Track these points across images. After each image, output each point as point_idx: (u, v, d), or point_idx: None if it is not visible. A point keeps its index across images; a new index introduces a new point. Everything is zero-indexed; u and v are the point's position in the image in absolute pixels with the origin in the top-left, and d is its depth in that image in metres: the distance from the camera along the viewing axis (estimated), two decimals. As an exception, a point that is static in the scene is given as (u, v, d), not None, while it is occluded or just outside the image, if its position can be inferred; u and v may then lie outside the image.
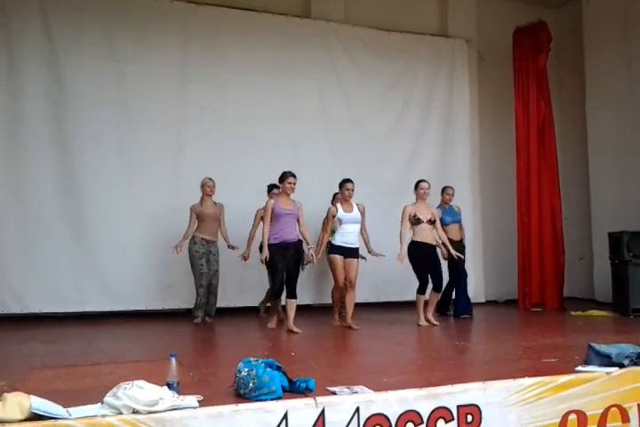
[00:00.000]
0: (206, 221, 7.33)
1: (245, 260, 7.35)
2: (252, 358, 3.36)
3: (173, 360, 3.23)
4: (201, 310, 7.19)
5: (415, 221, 6.91)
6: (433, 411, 3.21)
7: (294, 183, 6.55)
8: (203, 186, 7.39)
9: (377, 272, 8.24)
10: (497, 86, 10.06)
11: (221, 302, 7.62)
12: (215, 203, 7.46)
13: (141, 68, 8.19)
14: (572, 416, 3.46)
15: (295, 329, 6.20)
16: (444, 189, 7.84)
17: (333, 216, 6.74)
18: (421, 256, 6.87)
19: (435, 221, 7.01)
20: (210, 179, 7.38)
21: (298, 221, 6.58)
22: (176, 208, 8.07)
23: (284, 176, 6.57)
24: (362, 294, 8.16)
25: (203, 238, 7.28)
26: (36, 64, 7.76)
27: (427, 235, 6.93)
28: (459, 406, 3.26)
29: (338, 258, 6.69)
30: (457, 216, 7.78)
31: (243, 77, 8.59)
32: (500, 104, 10.01)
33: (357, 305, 7.60)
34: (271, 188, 7.50)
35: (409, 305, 7.58)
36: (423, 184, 7.08)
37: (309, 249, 6.50)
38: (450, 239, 7.26)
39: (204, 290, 7.19)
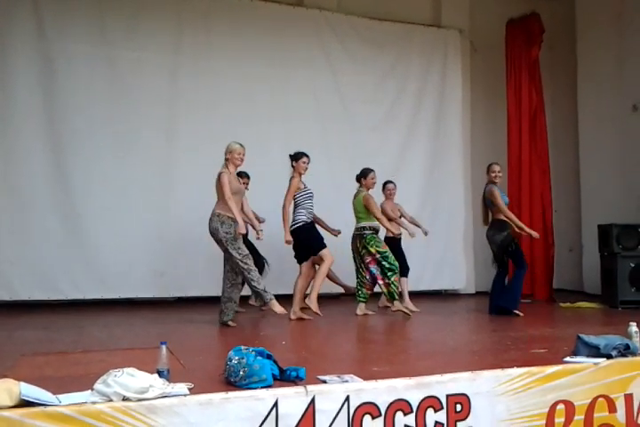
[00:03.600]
0: (236, 195, 5.91)
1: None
2: (242, 347, 3.37)
3: (164, 348, 3.24)
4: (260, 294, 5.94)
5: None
6: (422, 400, 3.23)
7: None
8: (232, 152, 5.90)
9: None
10: (489, 77, 10.06)
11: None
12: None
13: (133, 54, 8.14)
14: (560, 406, 3.49)
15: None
16: (489, 167, 7.18)
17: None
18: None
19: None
20: (241, 145, 5.98)
21: None
22: (168, 195, 8.09)
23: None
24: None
25: (229, 217, 5.80)
26: (26, 49, 7.69)
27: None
28: (448, 396, 3.28)
29: None
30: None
31: (234, 65, 8.55)
32: (492, 95, 10.02)
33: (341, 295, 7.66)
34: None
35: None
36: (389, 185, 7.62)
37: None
38: (508, 224, 6.93)
39: (257, 273, 5.91)
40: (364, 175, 7.04)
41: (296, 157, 6.59)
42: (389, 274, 6.63)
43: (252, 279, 5.82)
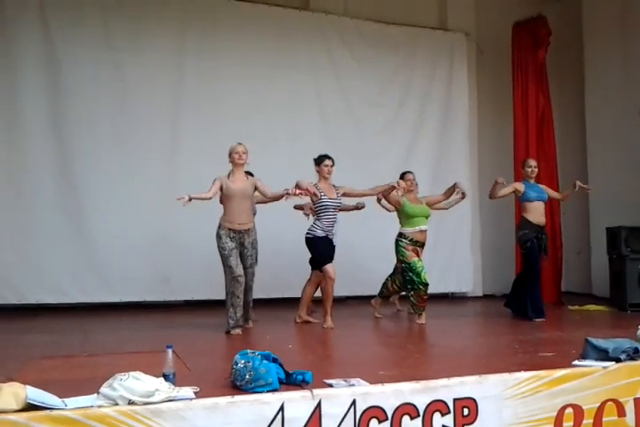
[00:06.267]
0: (234, 200, 5.68)
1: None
2: (248, 350, 3.37)
3: (170, 352, 3.23)
4: (238, 324, 5.71)
5: None
6: (429, 404, 3.22)
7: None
8: (230, 153, 5.78)
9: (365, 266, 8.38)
10: (496, 80, 10.03)
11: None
12: (248, 175, 5.92)
13: (138, 58, 8.14)
14: (569, 410, 3.47)
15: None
16: (524, 162, 7.27)
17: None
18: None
19: None
20: (239, 143, 5.84)
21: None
22: (174, 198, 8.06)
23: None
24: (349, 288, 8.27)
25: (231, 229, 5.68)
26: (33, 53, 7.72)
27: None
28: (455, 400, 3.27)
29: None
30: (543, 193, 6.99)
31: (240, 69, 8.53)
32: (498, 98, 9.98)
33: (351, 298, 7.58)
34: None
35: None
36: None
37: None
38: (529, 222, 6.80)
39: (240, 301, 5.66)
40: (400, 179, 6.83)
41: (318, 160, 6.40)
42: (408, 287, 6.52)
43: (230, 305, 5.68)
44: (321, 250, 6.27)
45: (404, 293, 6.97)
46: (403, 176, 6.88)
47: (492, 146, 10.08)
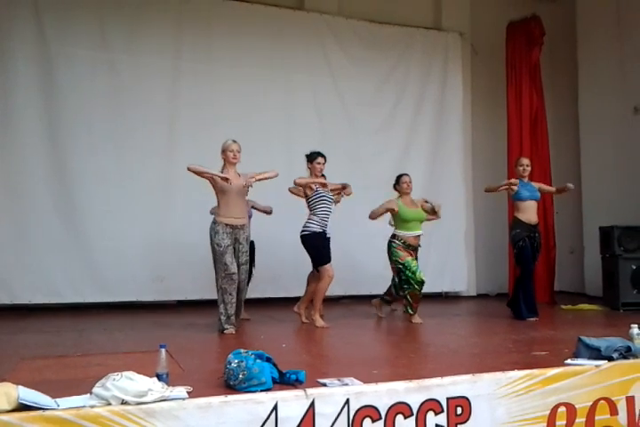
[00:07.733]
0: (229, 196, 5.65)
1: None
2: (242, 350, 3.37)
3: (163, 351, 3.23)
4: (231, 322, 5.67)
5: None
6: (423, 403, 3.22)
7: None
8: (224, 151, 5.78)
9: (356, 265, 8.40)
10: (490, 80, 10.04)
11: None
12: (239, 174, 5.87)
13: (134, 59, 8.13)
14: (562, 409, 3.48)
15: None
16: (517, 161, 7.21)
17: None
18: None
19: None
20: (234, 141, 5.85)
21: None
22: (168, 199, 8.09)
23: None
24: (342, 287, 8.26)
25: (227, 225, 5.63)
26: (27, 54, 7.68)
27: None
28: (448, 399, 3.28)
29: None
30: (535, 192, 6.93)
31: (235, 69, 8.54)
32: (493, 98, 10.00)
33: (345, 298, 7.58)
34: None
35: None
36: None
37: None
38: (521, 221, 6.77)
39: (232, 298, 5.62)
40: (396, 182, 6.85)
41: (310, 157, 6.39)
42: (405, 287, 6.48)
43: (222, 302, 5.63)
44: (320, 248, 6.22)
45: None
46: (399, 179, 6.86)
47: (485, 145, 10.10)
